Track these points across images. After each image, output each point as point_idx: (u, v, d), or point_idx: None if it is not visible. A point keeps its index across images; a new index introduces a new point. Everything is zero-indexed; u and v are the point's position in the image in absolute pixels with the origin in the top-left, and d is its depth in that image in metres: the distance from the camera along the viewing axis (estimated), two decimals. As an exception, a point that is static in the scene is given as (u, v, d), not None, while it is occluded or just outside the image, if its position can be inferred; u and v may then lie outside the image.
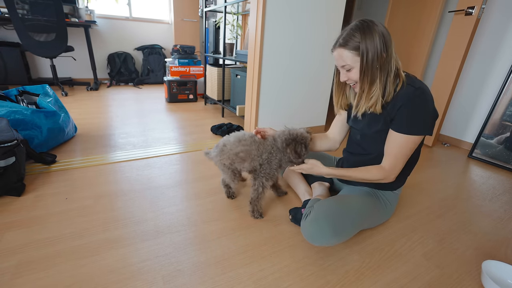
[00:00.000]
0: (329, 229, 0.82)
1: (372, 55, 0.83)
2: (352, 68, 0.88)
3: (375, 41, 0.82)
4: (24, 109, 1.42)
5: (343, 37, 0.87)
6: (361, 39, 0.83)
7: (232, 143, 1.05)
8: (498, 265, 0.86)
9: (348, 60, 0.87)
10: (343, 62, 0.88)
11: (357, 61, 0.86)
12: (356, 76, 0.89)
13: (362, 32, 0.83)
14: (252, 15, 1.71)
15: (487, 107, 1.89)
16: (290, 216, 1.08)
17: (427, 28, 2.03)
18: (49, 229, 0.94)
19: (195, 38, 4.21)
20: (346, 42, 0.86)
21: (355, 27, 0.85)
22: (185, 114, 2.57)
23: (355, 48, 0.85)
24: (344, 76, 0.92)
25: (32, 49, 2.76)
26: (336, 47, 0.89)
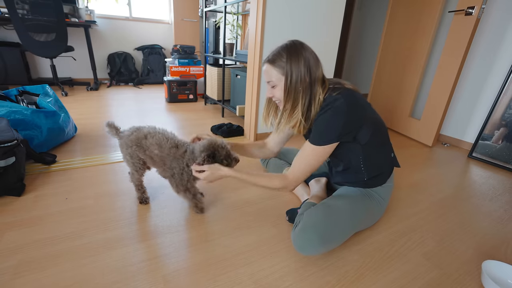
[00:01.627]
0: (317, 239, 0.82)
1: (295, 78, 0.88)
2: (276, 86, 0.92)
3: (300, 65, 0.87)
4: (24, 109, 1.42)
5: (273, 54, 0.91)
6: (287, 60, 0.88)
7: (151, 143, 0.98)
8: (498, 265, 0.86)
9: (273, 77, 0.92)
10: (268, 78, 0.93)
11: (281, 79, 0.90)
12: (279, 94, 0.93)
13: (289, 54, 0.88)
14: (252, 15, 1.71)
15: (487, 107, 1.89)
16: (287, 217, 1.08)
17: (427, 28, 2.03)
18: (49, 229, 0.94)
19: (195, 38, 4.21)
20: (274, 60, 0.91)
21: (284, 47, 0.90)
22: (185, 114, 2.57)
23: (280, 67, 0.89)
24: (270, 92, 0.96)
25: (32, 49, 2.76)
26: (265, 62, 0.94)
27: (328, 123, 0.86)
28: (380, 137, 0.95)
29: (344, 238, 0.89)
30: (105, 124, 1.06)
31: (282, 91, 0.92)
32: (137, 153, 1.02)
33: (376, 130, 0.92)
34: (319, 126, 0.88)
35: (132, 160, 1.04)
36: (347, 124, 0.85)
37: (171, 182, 1.04)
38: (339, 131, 0.85)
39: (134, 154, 1.03)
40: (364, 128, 0.89)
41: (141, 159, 1.04)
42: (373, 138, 0.92)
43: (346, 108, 0.83)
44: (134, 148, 1.00)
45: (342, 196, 0.99)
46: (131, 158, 1.03)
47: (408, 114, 2.27)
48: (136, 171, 1.06)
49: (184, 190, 1.03)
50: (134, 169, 1.06)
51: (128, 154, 1.03)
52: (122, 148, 1.05)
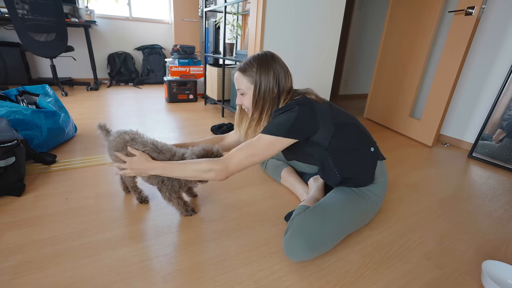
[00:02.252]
0: (306, 245, 0.81)
1: (264, 88, 0.92)
2: (245, 94, 0.96)
3: (269, 76, 0.91)
4: (24, 109, 1.42)
5: (244, 63, 0.95)
6: (257, 70, 0.92)
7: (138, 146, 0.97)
8: (498, 265, 0.86)
9: (242, 85, 0.96)
10: (238, 86, 0.97)
11: (250, 88, 0.94)
12: (248, 103, 0.97)
13: (260, 64, 0.92)
14: (252, 15, 1.71)
15: (487, 107, 1.89)
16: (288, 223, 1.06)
17: (427, 28, 2.03)
18: (49, 229, 0.94)
19: (195, 38, 4.21)
20: (244, 69, 0.95)
21: (256, 57, 0.94)
22: (185, 114, 2.57)
23: (250, 76, 0.93)
24: (239, 99, 1.00)
25: (32, 49, 2.76)
26: (236, 70, 0.98)
27: (280, 118, 0.88)
28: (348, 142, 0.93)
29: (334, 242, 0.88)
30: (97, 126, 1.05)
31: (250, 99, 0.96)
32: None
33: (341, 136, 0.91)
34: (272, 120, 0.91)
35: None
36: (298, 123, 0.86)
37: (161, 190, 1.01)
38: (288, 126, 0.86)
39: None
40: (320, 133, 0.89)
41: None
42: (338, 143, 0.91)
43: (299, 109, 0.87)
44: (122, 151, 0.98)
45: (334, 198, 0.97)
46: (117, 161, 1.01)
47: (408, 114, 2.27)
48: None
49: (177, 197, 1.02)
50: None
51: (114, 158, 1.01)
52: (108, 151, 1.03)
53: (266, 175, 1.45)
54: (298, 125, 0.86)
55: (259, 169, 1.51)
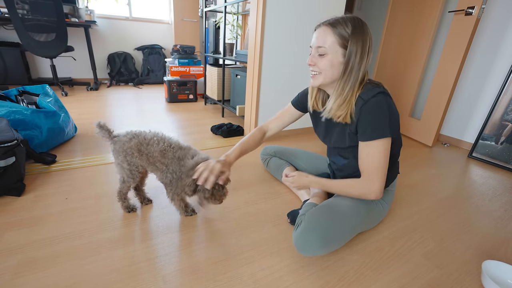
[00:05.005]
0: (319, 241, 0.80)
1: (355, 54, 0.78)
2: (326, 55, 0.81)
3: (364, 43, 0.78)
4: (24, 109, 1.42)
5: (335, 19, 0.80)
6: (352, 31, 0.77)
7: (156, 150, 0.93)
8: (498, 265, 0.86)
9: (327, 43, 0.79)
10: (322, 43, 0.80)
11: (336, 51, 0.79)
12: (324, 66, 0.82)
13: (354, 26, 0.78)
14: (252, 15, 1.71)
15: (487, 107, 1.89)
16: (289, 219, 1.06)
17: (427, 28, 2.03)
18: (49, 229, 0.94)
19: (195, 38, 4.21)
20: (335, 25, 0.79)
21: (349, 18, 0.79)
22: (185, 114, 2.57)
23: (341, 37, 0.78)
24: (313, 59, 0.84)
25: (32, 49, 2.76)
26: (321, 24, 0.81)
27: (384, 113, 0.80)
28: (393, 149, 0.93)
29: (345, 240, 0.88)
30: (96, 125, 0.96)
31: (329, 62, 0.80)
32: (137, 161, 0.96)
33: (397, 136, 0.92)
34: (375, 115, 0.80)
35: (130, 167, 0.96)
36: (395, 118, 0.83)
37: (168, 188, 0.98)
38: (394, 124, 0.81)
39: (134, 162, 0.96)
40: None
41: (140, 166, 0.98)
42: (394, 144, 0.91)
43: (388, 101, 0.81)
44: (136, 155, 0.94)
45: (345, 198, 0.96)
46: (129, 165, 0.96)
47: (408, 114, 2.27)
48: (132, 178, 0.99)
49: (179, 199, 1.01)
50: (131, 176, 0.98)
51: (126, 162, 0.95)
52: (117, 154, 0.96)
53: (266, 175, 1.45)
54: (395, 121, 0.83)
55: (259, 169, 1.51)
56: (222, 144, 1.85)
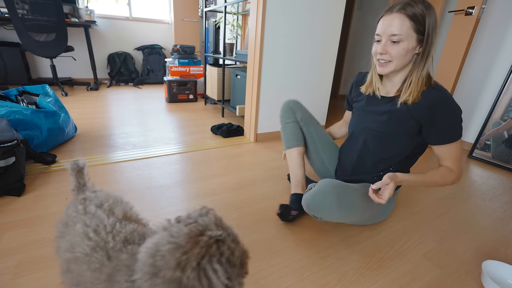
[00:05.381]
0: (335, 199, 0.83)
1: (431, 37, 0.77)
2: (401, 42, 0.78)
3: (436, 23, 0.76)
4: (24, 109, 1.42)
5: (404, 3, 0.76)
6: (427, 14, 0.75)
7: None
8: (498, 265, 0.86)
9: (403, 30, 0.76)
10: (396, 30, 0.76)
11: (411, 36, 0.77)
12: (398, 53, 0.79)
13: (426, 8, 0.75)
14: (252, 15, 1.71)
15: (487, 107, 1.89)
16: (279, 210, 1.04)
17: (427, 28, 2.03)
18: (49, 229, 0.94)
19: (195, 38, 4.21)
20: (408, 9, 0.75)
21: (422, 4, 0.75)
22: (185, 114, 2.57)
23: (416, 21, 0.75)
24: (384, 47, 0.80)
25: (32, 49, 2.76)
26: (393, 11, 0.77)
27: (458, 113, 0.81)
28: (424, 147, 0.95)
29: (357, 210, 0.87)
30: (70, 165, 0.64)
31: (404, 50, 0.78)
32: None
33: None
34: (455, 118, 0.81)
35: None
36: None
37: None
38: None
39: None
40: None
41: None
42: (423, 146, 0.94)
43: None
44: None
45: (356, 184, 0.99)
46: None
47: (408, 114, 2.27)
48: None
49: None
50: None
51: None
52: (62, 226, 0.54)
53: (266, 175, 1.45)
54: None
55: (259, 169, 1.51)
56: (222, 144, 1.85)
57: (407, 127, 0.88)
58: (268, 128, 1.98)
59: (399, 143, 0.92)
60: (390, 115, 0.90)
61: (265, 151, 1.78)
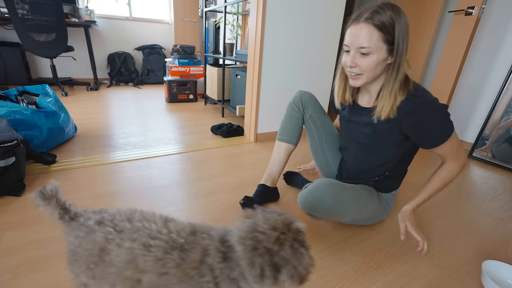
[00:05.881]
0: (330, 196, 0.84)
1: (402, 44, 0.71)
2: (371, 54, 0.73)
3: (407, 32, 0.70)
4: (24, 109, 1.42)
5: (372, 12, 0.70)
6: (396, 23, 0.69)
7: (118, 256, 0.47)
8: (498, 265, 0.86)
9: (372, 42, 0.71)
10: (365, 42, 0.71)
11: (380, 48, 0.72)
12: (368, 66, 0.74)
13: (396, 15, 0.70)
14: (252, 15, 1.71)
15: (487, 107, 1.89)
16: (243, 201, 1.07)
17: (427, 28, 2.03)
18: (49, 229, 0.94)
19: (195, 38, 4.21)
20: (376, 18, 0.69)
21: (387, 6, 0.70)
22: (185, 114, 2.57)
23: (385, 31, 0.70)
24: (353, 60, 0.75)
25: (32, 49, 2.76)
26: (360, 21, 0.72)
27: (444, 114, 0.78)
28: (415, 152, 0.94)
29: (352, 206, 0.87)
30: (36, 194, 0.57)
31: (375, 63, 0.73)
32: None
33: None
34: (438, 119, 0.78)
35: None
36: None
37: None
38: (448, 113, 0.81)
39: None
40: None
41: None
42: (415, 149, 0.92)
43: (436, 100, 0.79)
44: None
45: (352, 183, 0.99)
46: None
47: (408, 114, 2.27)
48: None
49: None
50: None
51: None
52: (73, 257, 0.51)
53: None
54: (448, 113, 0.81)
55: (259, 169, 1.51)
56: (222, 144, 1.85)
57: (392, 138, 0.86)
58: (268, 128, 1.98)
59: (388, 153, 0.90)
60: (372, 128, 0.87)
61: (265, 151, 1.78)
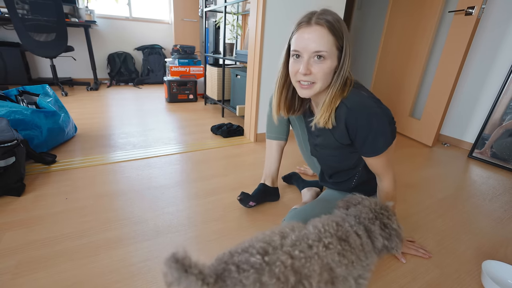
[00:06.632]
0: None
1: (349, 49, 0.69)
2: (326, 59, 0.68)
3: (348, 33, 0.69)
4: (24, 109, 1.42)
5: (321, 14, 0.67)
6: (344, 28, 0.68)
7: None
8: (498, 265, 0.86)
9: (328, 46, 0.67)
10: (321, 45, 0.67)
11: (333, 53, 0.69)
12: (323, 72, 0.69)
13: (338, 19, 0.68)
14: (252, 15, 1.71)
15: (487, 107, 1.89)
16: (240, 197, 1.09)
17: (427, 28, 2.03)
18: (49, 229, 0.94)
19: (195, 38, 4.21)
20: (333, 25, 0.66)
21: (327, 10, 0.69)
22: (185, 114, 2.57)
23: (337, 35, 0.67)
24: (307, 67, 0.69)
25: (32, 49, 2.76)
26: (311, 23, 0.67)
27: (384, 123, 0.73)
28: None
29: None
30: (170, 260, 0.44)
31: (329, 69, 0.69)
32: None
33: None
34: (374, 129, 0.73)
35: None
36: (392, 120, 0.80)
37: None
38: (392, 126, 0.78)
39: None
40: None
41: None
42: None
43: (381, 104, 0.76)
44: None
45: (328, 196, 1.01)
46: None
47: (408, 114, 2.27)
48: None
49: None
50: None
51: None
52: None
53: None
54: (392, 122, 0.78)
55: (259, 169, 1.51)
56: (222, 144, 1.85)
57: (339, 146, 0.84)
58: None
59: (347, 158, 0.88)
60: (323, 137, 0.87)
61: (265, 151, 1.78)
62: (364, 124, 0.72)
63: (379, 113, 0.72)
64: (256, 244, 0.50)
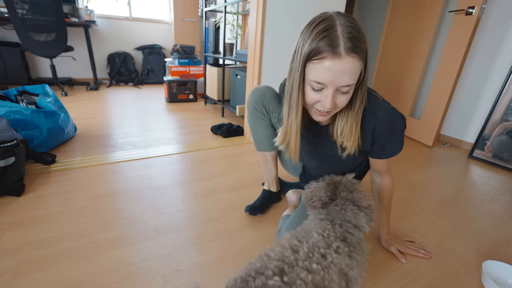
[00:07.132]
0: None
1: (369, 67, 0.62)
2: (351, 89, 0.61)
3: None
4: (23, 109, 1.42)
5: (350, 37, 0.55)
6: (367, 40, 0.57)
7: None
8: (498, 265, 0.86)
9: (357, 75, 0.59)
10: (350, 80, 0.58)
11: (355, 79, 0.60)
12: (344, 102, 0.63)
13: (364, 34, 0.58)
14: (252, 15, 1.71)
15: (488, 107, 1.89)
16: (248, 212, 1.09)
17: (427, 28, 2.03)
18: (49, 229, 0.94)
19: (195, 38, 4.21)
20: (358, 47, 0.55)
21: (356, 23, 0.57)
22: (185, 114, 2.57)
23: (362, 57, 0.58)
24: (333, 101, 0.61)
25: (32, 49, 2.76)
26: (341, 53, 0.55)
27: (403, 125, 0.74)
28: None
29: None
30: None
31: (350, 95, 0.62)
32: None
33: None
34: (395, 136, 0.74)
35: None
36: None
37: None
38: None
39: None
40: None
41: None
42: None
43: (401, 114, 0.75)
44: None
45: None
46: None
47: (408, 114, 2.27)
48: None
49: None
50: None
51: None
52: None
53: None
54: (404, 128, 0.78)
55: (259, 169, 1.51)
56: (222, 144, 1.85)
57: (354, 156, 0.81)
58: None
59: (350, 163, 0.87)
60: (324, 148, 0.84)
61: (265, 151, 1.78)
62: (389, 130, 0.73)
63: (400, 117, 0.74)
64: (270, 263, 0.46)
